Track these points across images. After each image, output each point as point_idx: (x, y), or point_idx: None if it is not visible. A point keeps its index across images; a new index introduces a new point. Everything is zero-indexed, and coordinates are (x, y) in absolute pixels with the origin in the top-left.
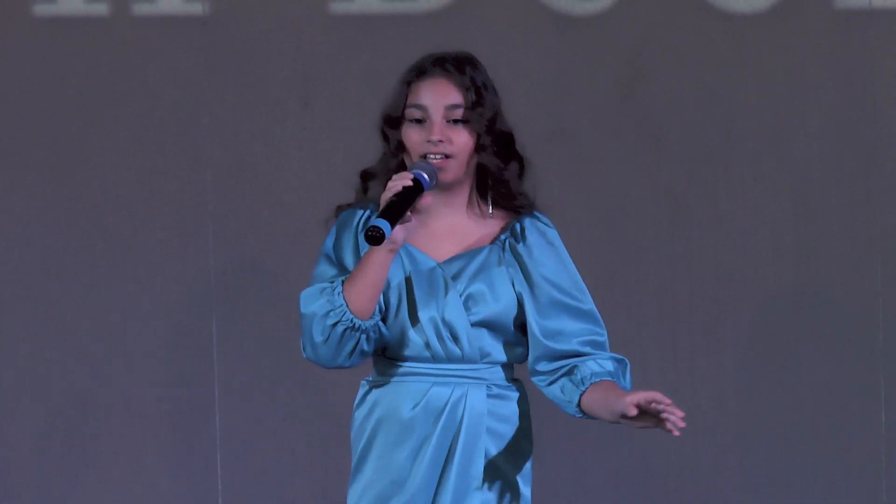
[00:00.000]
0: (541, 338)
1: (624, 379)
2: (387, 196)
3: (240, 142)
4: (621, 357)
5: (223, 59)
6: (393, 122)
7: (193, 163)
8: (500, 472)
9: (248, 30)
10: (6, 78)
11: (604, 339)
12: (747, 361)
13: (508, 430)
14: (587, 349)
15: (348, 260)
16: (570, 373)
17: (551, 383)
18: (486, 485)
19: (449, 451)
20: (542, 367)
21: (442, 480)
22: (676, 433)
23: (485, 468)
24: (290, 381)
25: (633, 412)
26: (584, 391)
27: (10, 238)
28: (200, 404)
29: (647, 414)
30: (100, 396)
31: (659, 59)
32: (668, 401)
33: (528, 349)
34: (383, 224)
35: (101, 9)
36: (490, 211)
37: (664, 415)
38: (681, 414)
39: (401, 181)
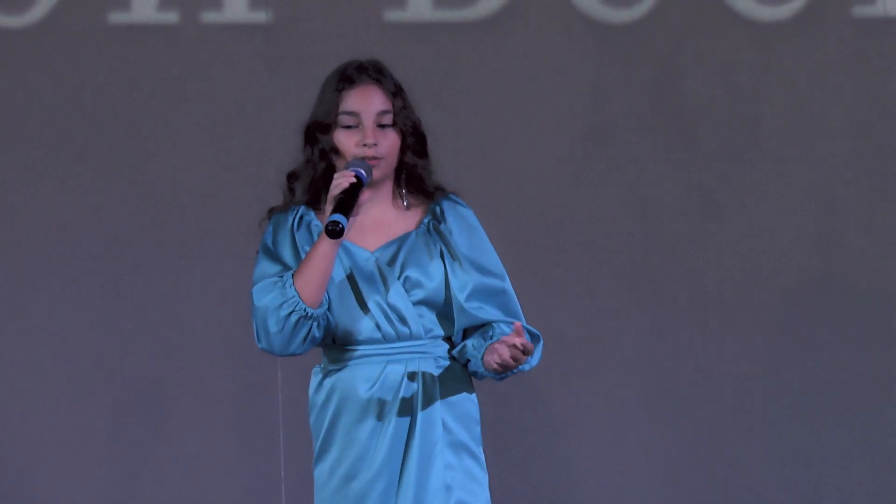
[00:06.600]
0: (467, 308)
1: (534, 352)
2: (334, 193)
3: (301, 140)
4: (537, 332)
5: (285, 63)
6: (324, 127)
7: (257, 160)
8: (454, 436)
9: (307, 36)
10: (84, 81)
11: (519, 315)
12: (772, 344)
13: (457, 398)
14: (505, 318)
15: (287, 256)
16: (484, 331)
17: (465, 340)
18: (445, 449)
19: (410, 422)
20: (462, 335)
21: (407, 450)
22: (496, 365)
23: (442, 434)
24: None
25: (500, 357)
26: (490, 345)
27: (87, 230)
28: (264, 385)
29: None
30: (170, 378)
31: (690, 64)
32: (518, 355)
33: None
34: (341, 218)
35: (172, 17)
36: (405, 203)
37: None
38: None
39: (345, 178)
